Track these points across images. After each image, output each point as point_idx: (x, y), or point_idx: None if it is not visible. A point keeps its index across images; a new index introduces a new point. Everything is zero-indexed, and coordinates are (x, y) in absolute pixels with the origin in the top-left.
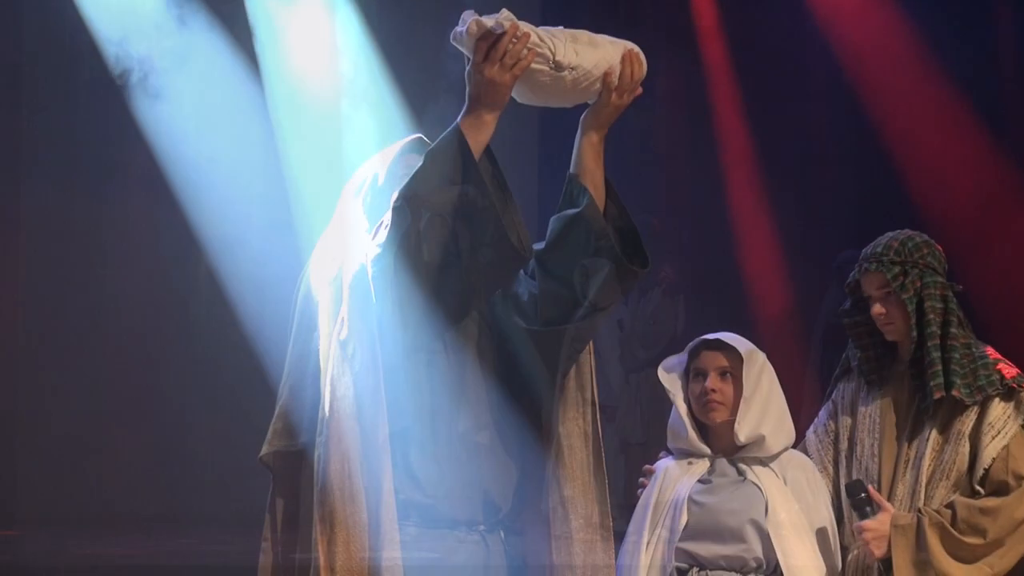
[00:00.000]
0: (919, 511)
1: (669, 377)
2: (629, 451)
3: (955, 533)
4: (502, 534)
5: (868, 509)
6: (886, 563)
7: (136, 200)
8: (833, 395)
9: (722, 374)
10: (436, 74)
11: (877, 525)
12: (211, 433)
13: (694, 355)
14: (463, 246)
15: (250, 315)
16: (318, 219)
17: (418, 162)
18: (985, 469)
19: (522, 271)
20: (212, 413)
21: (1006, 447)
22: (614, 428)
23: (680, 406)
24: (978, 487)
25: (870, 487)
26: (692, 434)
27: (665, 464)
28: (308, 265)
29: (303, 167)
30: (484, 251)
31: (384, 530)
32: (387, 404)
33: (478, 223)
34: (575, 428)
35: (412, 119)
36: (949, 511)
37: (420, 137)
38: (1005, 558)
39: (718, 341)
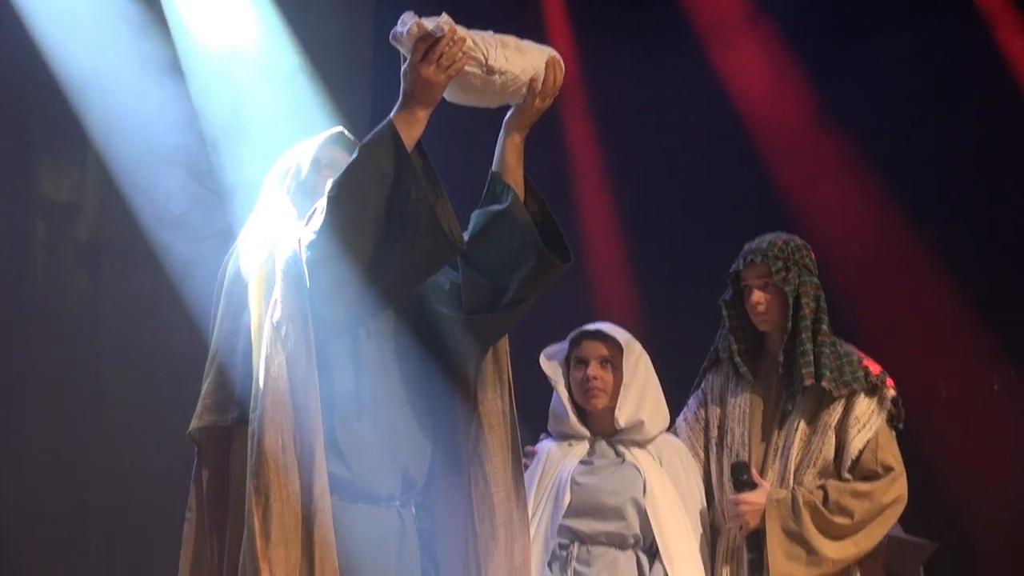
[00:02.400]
0: (793, 489)
1: (551, 364)
2: None
3: (825, 512)
4: (413, 509)
5: (748, 489)
6: (754, 541)
7: None
8: (702, 385)
9: (602, 362)
10: None
11: (754, 498)
12: None
13: (575, 344)
14: (397, 235)
15: None
16: None
17: (339, 154)
18: (853, 459)
19: None
20: None
21: (873, 439)
22: None
23: (561, 392)
24: (847, 475)
25: (753, 469)
26: (573, 418)
27: (547, 446)
28: (235, 247)
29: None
30: (418, 241)
31: (316, 501)
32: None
33: (412, 214)
34: (494, 407)
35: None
36: (821, 492)
37: (342, 131)
38: (869, 537)
39: (598, 331)
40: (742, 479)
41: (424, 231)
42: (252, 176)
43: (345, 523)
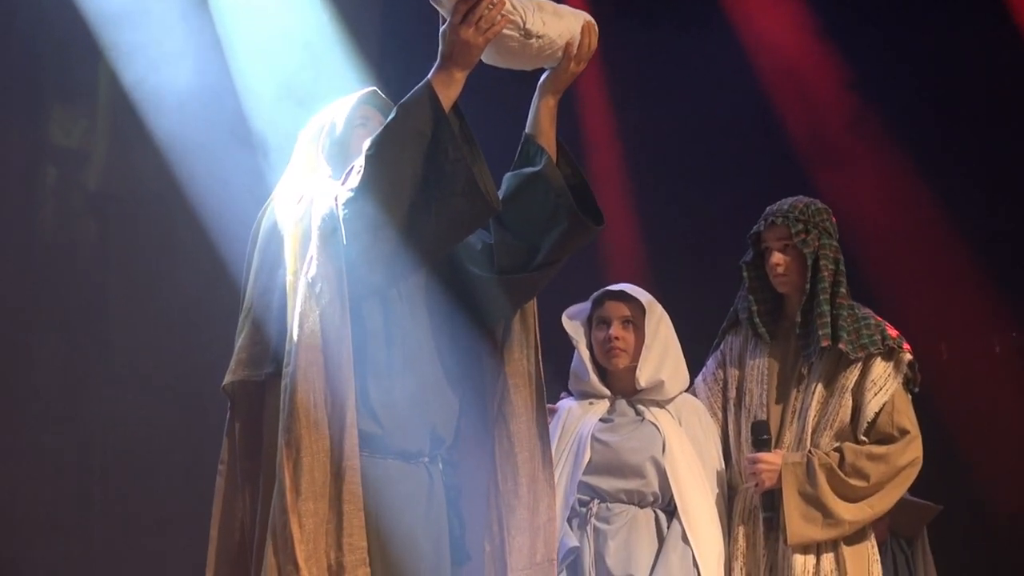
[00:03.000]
0: (810, 451)
1: (572, 324)
2: None
3: (841, 474)
4: (441, 465)
5: (766, 449)
6: (768, 500)
7: None
8: (721, 346)
9: (624, 323)
10: None
11: (772, 458)
12: None
13: (598, 304)
14: (434, 195)
15: None
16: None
17: (373, 113)
18: (869, 422)
19: None
20: None
21: (889, 402)
22: None
23: (583, 352)
24: (862, 437)
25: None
26: (594, 377)
27: (567, 404)
28: (269, 204)
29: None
30: (455, 200)
31: (346, 457)
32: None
33: (449, 174)
34: (520, 367)
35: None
36: (837, 454)
37: (375, 90)
38: (885, 499)
39: (621, 292)
40: (762, 439)
41: (461, 191)
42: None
43: (375, 478)
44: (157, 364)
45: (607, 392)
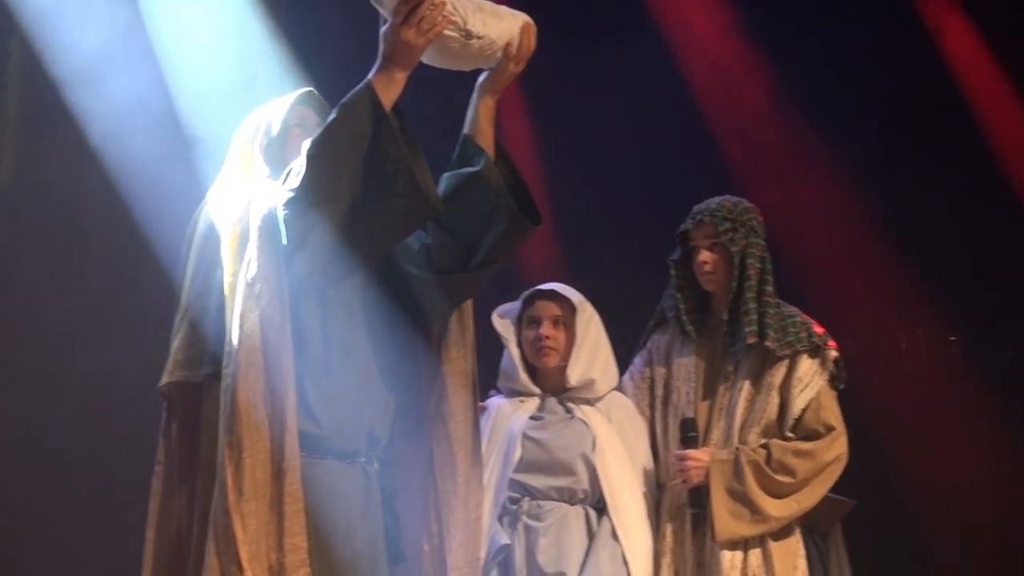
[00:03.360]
0: (737, 449)
1: (503, 323)
2: None
3: (768, 471)
4: (376, 465)
5: (694, 446)
6: (695, 496)
7: None
8: (648, 344)
9: (555, 322)
10: None
11: (700, 455)
12: None
13: (528, 303)
14: (375, 195)
15: None
16: None
17: (309, 114)
18: (795, 418)
19: None
20: None
21: (815, 399)
22: None
23: (513, 350)
24: (789, 433)
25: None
26: (524, 375)
27: (497, 402)
28: (205, 205)
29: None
30: (396, 201)
31: (287, 458)
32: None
33: (390, 174)
34: (458, 367)
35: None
36: (764, 451)
37: (311, 91)
38: (811, 495)
39: (552, 291)
40: (689, 435)
41: (402, 191)
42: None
43: (314, 478)
44: (67, 364)
45: (537, 390)
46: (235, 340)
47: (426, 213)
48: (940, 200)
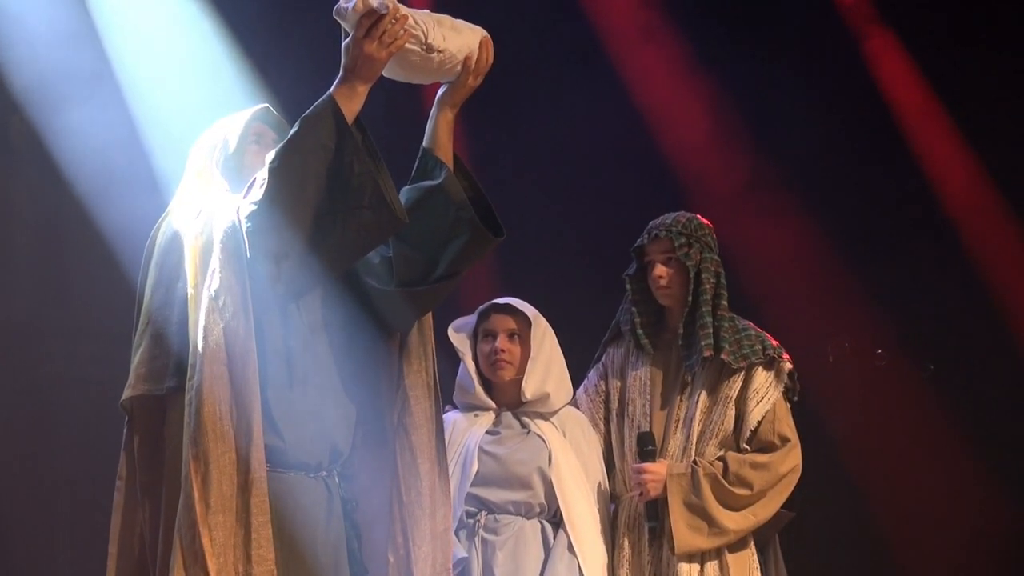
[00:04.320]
0: (694, 462)
1: (459, 337)
2: None
3: (725, 484)
4: (337, 479)
5: (651, 460)
6: (653, 509)
7: None
8: (603, 358)
9: (510, 336)
10: None
11: (657, 468)
12: None
13: (484, 317)
14: (339, 208)
15: None
16: None
17: (266, 130)
18: (752, 430)
19: None
20: None
21: (771, 411)
22: None
23: (469, 364)
24: (745, 445)
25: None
26: (479, 389)
27: (452, 416)
28: (165, 218)
29: None
30: (361, 213)
31: (253, 470)
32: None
33: (355, 187)
34: (419, 379)
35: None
36: (721, 464)
37: (267, 107)
38: (767, 507)
39: (508, 305)
40: (647, 449)
41: (368, 204)
42: None
43: (278, 492)
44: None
45: (492, 404)
46: (200, 352)
47: (392, 226)
48: (883, 226)
